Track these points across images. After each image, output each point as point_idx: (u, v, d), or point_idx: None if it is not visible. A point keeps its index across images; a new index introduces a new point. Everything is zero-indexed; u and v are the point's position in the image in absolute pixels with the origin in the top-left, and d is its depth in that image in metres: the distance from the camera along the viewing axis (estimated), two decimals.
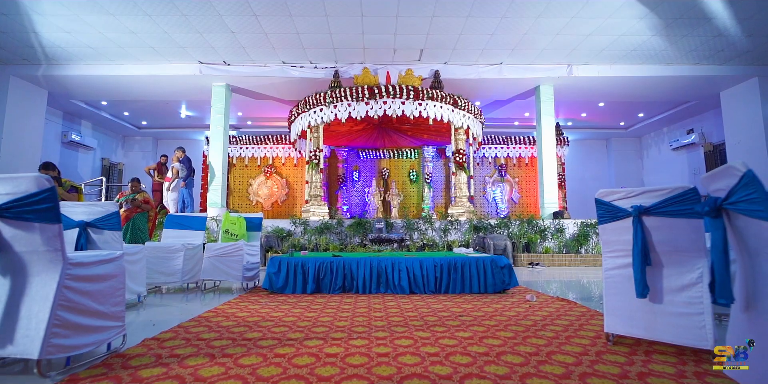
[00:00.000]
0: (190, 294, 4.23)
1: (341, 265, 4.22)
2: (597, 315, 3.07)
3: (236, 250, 4.22)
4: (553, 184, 9.34)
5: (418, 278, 4.17)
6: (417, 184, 12.64)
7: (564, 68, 9.01)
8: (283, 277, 4.15)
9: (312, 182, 8.99)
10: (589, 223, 8.24)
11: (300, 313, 3.17)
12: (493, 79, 9.13)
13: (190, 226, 4.71)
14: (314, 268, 4.19)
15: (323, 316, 3.03)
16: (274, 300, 3.77)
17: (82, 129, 12.34)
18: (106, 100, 10.93)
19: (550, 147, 9.48)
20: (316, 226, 8.10)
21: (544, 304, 3.57)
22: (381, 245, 7.61)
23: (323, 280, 4.20)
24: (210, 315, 3.06)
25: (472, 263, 4.24)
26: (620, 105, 11.40)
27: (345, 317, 2.99)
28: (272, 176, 12.47)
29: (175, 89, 9.82)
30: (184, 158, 8.59)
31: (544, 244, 8.13)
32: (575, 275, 6.44)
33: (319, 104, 8.59)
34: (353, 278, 4.21)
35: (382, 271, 4.22)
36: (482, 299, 3.81)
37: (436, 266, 4.23)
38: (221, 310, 3.28)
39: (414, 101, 8.31)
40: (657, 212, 2.06)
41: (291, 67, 9.03)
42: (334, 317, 2.99)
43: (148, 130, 13.93)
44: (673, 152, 12.82)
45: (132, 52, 8.37)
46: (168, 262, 4.19)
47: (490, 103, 11.08)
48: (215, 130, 9.44)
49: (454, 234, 8.23)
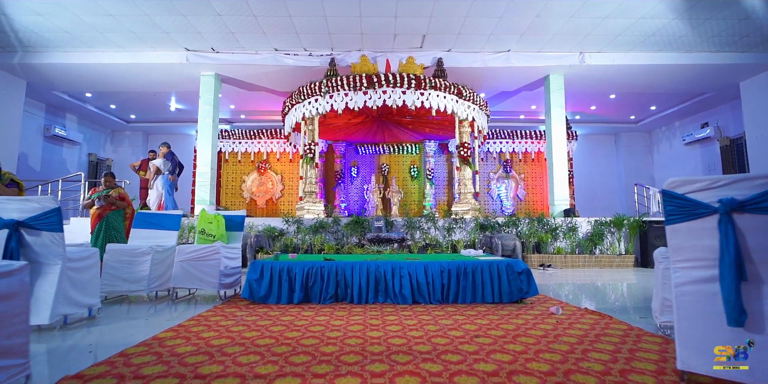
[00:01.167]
0: (159, 304, 3.66)
1: (333, 271, 3.66)
2: (644, 335, 2.50)
3: (212, 253, 3.64)
4: (563, 180, 8.76)
5: (423, 286, 3.61)
6: (418, 181, 12.07)
7: (576, 56, 8.42)
8: (266, 284, 3.58)
9: (307, 178, 8.42)
10: (603, 221, 7.67)
11: (280, 332, 2.60)
12: (500, 67, 8.54)
13: (162, 226, 4.13)
14: (302, 274, 3.62)
15: (307, 337, 2.46)
16: (254, 312, 3.20)
17: (67, 123, 11.75)
18: (90, 92, 10.34)
19: (561, 140, 8.89)
20: (311, 225, 7.53)
21: (573, 318, 3.00)
22: (380, 245, 7.05)
23: (313, 288, 3.63)
24: (167, 336, 2.49)
25: (485, 268, 3.67)
26: (632, 97, 10.82)
27: (334, 339, 2.43)
28: (266, 172, 11.91)
29: (162, 79, 9.23)
30: (168, 154, 8.02)
31: (556, 244, 7.57)
32: (591, 278, 5.88)
33: (314, 94, 8.01)
34: (347, 286, 3.64)
35: (381, 278, 3.66)
36: (498, 312, 3.24)
37: (443, 272, 3.66)
38: (185, 328, 2.71)
39: (416, 91, 7.73)
40: (756, 208, 1.49)
41: (284, 55, 8.44)
42: (320, 339, 2.43)
43: (138, 125, 13.34)
44: (686, 147, 12.24)
45: (112, 37, 7.77)
46: (133, 267, 3.62)
47: (495, 94, 10.49)
48: (204, 123, 8.85)
49: (459, 233, 7.66)
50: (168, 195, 7.65)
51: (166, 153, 7.97)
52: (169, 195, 7.65)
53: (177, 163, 8.10)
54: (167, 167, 7.82)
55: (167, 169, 7.79)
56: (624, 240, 7.60)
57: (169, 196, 7.65)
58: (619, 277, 5.97)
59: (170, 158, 7.93)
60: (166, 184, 7.72)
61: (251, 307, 3.43)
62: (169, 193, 7.66)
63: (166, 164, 7.85)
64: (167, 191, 7.66)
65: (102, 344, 2.35)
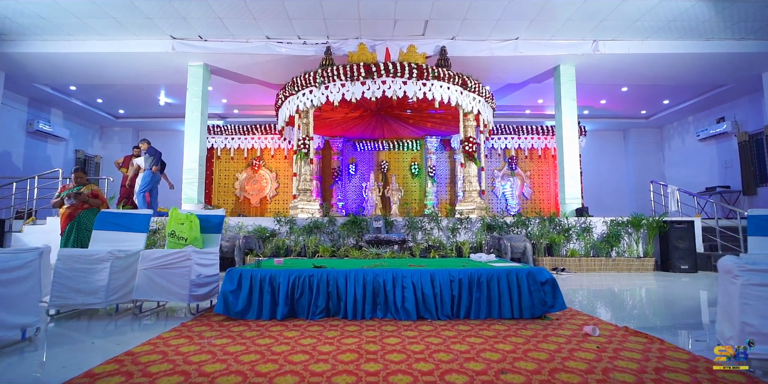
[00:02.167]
0: (119, 319, 3.11)
1: (324, 281, 3.11)
2: (720, 372, 1.95)
3: (181, 259, 3.10)
4: (575, 177, 8.21)
5: (429, 298, 3.06)
6: (419, 179, 11.53)
7: (589, 44, 7.87)
8: (245, 297, 3.04)
9: (301, 175, 7.87)
10: (620, 221, 7.12)
11: (253, 362, 2.06)
12: (507, 56, 7.98)
13: (128, 227, 3.59)
14: (287, 284, 3.08)
15: (285, 372, 1.92)
16: (226, 333, 2.66)
17: (52, 118, 11.19)
18: (73, 85, 9.79)
19: (572, 135, 8.34)
20: (304, 226, 6.98)
21: (615, 341, 2.46)
22: (379, 247, 6.51)
23: (300, 301, 3.09)
24: (106, 370, 1.95)
25: (502, 277, 3.12)
26: (645, 90, 10.27)
27: (319, 376, 1.89)
28: (260, 170, 11.37)
29: (147, 71, 8.66)
30: (150, 149, 7.46)
31: (569, 246, 7.03)
32: (612, 284, 5.33)
33: (309, 85, 7.46)
34: (340, 298, 3.09)
35: (380, 289, 3.11)
36: (521, 332, 2.70)
37: (453, 282, 3.12)
38: (134, 355, 2.17)
39: (417, 81, 7.19)
40: None
41: (277, 44, 7.88)
42: (301, 376, 1.89)
43: (128, 120, 12.78)
44: (700, 143, 11.69)
45: (92, 24, 7.22)
46: (88, 276, 3.07)
47: (501, 87, 9.95)
48: (191, 116, 8.29)
49: (464, 234, 7.12)
50: (140, 192, 7.07)
51: (147, 148, 7.41)
52: (141, 192, 7.08)
53: (160, 158, 7.54)
54: (149, 162, 7.26)
55: (149, 164, 7.24)
56: (642, 241, 7.06)
57: (140, 192, 7.07)
58: (643, 283, 5.43)
59: (153, 153, 7.38)
60: (144, 180, 7.16)
61: (225, 324, 2.88)
62: (143, 189, 7.08)
63: (148, 160, 7.29)
64: (142, 187, 7.09)
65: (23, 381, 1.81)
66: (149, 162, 7.26)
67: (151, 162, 7.25)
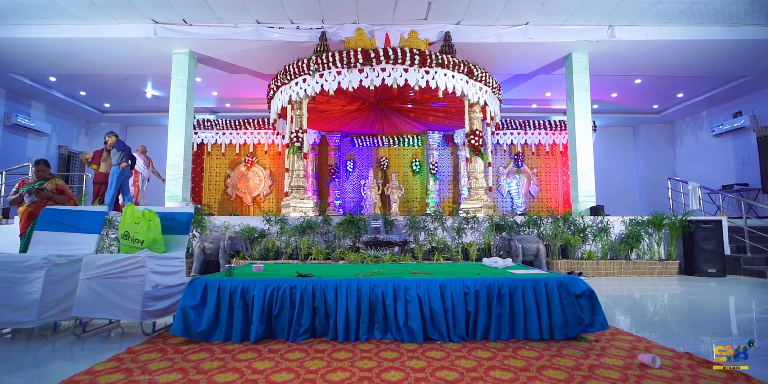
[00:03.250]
0: (55, 342, 2.52)
1: (309, 293, 2.52)
2: None
3: (132, 266, 2.51)
4: (588, 173, 7.62)
5: (439, 315, 2.48)
6: (420, 176, 10.95)
7: (604, 30, 7.29)
8: (211, 313, 2.45)
9: (294, 170, 7.29)
10: (640, 220, 6.54)
11: None
12: (516, 43, 7.40)
13: (77, 227, 3.00)
14: (263, 297, 2.49)
15: None
16: (179, 364, 2.07)
17: (33, 111, 10.58)
18: (52, 75, 9.19)
19: (585, 127, 7.75)
20: (296, 225, 6.39)
21: (687, 378, 1.88)
22: (378, 249, 5.92)
23: (279, 318, 2.50)
24: None
25: (528, 288, 2.54)
26: (658, 82, 9.69)
27: None
28: (253, 166, 10.79)
29: (129, 58, 8.06)
30: (118, 142, 6.85)
31: (584, 248, 6.45)
32: (638, 290, 4.75)
33: (302, 74, 6.88)
34: (329, 315, 2.50)
35: (378, 302, 2.53)
36: (558, 361, 2.11)
37: (468, 294, 2.53)
38: None
39: (420, 68, 6.60)
40: None
41: (268, 29, 7.29)
42: None
43: (115, 115, 12.17)
44: (715, 139, 11.10)
45: (67, 6, 6.63)
46: (17, 287, 2.49)
47: (508, 79, 9.36)
48: (176, 107, 7.69)
49: (471, 235, 6.53)
50: (110, 189, 6.47)
51: (115, 142, 6.80)
52: (111, 189, 6.48)
53: (129, 152, 6.93)
54: (117, 158, 6.66)
55: (117, 159, 6.63)
56: (664, 243, 6.48)
57: (110, 190, 6.47)
58: (673, 290, 4.85)
59: (121, 147, 6.77)
60: (113, 176, 6.55)
61: (183, 349, 2.29)
62: (113, 186, 6.48)
63: (116, 155, 6.69)
64: (112, 184, 6.48)
65: None
66: (117, 157, 6.65)
67: (119, 157, 6.64)
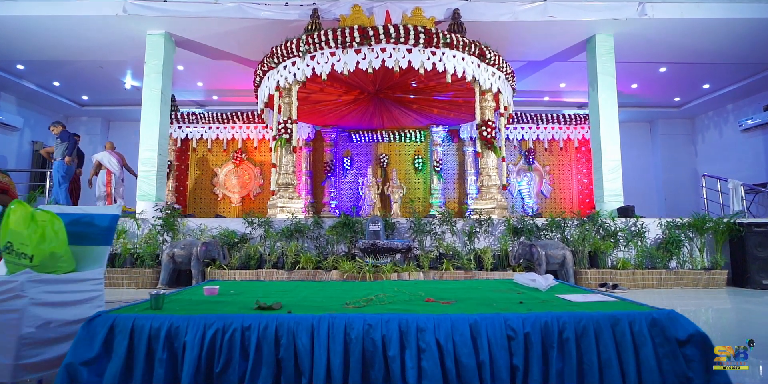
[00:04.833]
0: None
1: (271, 337, 1.65)
2: None
3: (3, 298, 1.64)
4: (615, 170, 6.79)
5: (469, 370, 1.60)
6: (423, 174, 10.09)
7: (633, 7, 6.44)
8: (116, 372, 1.57)
9: (281, 166, 6.43)
10: (679, 223, 5.67)
11: None
12: (533, 22, 6.54)
13: None
14: (200, 345, 1.61)
15: None
16: None
17: (1, 103, 9.72)
18: (19, 63, 8.31)
19: (611, 118, 6.90)
20: (283, 228, 5.52)
21: None
22: (377, 257, 5.05)
23: (223, 378, 1.62)
24: None
25: (604, 330, 1.67)
26: (684, 71, 8.84)
27: None
28: (243, 163, 9.94)
29: (98, 42, 7.17)
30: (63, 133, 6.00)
31: (616, 255, 5.58)
32: (694, 308, 3.88)
33: (291, 56, 6.05)
34: (301, 372, 1.62)
35: (376, 352, 1.65)
36: None
37: (513, 338, 1.66)
38: None
39: (425, 49, 5.78)
40: None
41: (253, 5, 6.43)
42: None
43: (94, 109, 11.30)
44: (742, 134, 10.24)
45: None
46: None
47: (521, 66, 8.48)
48: (150, 94, 6.83)
49: (485, 239, 5.66)
50: (59, 186, 5.62)
51: (60, 133, 5.95)
52: (60, 185, 5.63)
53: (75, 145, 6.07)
54: (60, 150, 5.80)
55: (60, 152, 5.78)
56: (708, 249, 5.62)
57: (59, 186, 5.62)
58: (736, 308, 3.99)
59: (66, 138, 5.93)
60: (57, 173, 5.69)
61: None
62: (61, 182, 5.63)
63: (59, 147, 5.84)
64: (58, 180, 5.63)
65: None
66: (60, 150, 5.80)
67: (63, 150, 5.79)
